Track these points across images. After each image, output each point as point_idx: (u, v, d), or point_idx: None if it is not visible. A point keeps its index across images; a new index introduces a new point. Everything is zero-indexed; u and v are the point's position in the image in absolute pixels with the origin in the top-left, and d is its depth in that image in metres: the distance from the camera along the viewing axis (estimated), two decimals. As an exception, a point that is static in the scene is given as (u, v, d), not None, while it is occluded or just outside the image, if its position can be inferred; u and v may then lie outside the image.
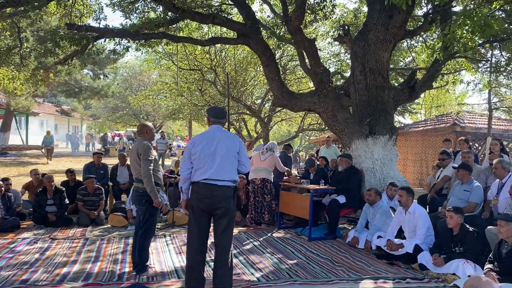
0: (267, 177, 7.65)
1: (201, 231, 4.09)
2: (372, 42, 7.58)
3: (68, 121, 38.62)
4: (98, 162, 9.16)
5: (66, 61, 7.84)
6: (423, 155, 14.62)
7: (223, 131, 4.20)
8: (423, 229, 5.40)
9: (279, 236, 6.93)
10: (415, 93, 8.07)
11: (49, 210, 7.52)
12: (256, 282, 4.58)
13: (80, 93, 24.50)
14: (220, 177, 3.99)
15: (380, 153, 7.43)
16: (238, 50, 15.47)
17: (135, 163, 4.84)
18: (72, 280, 4.57)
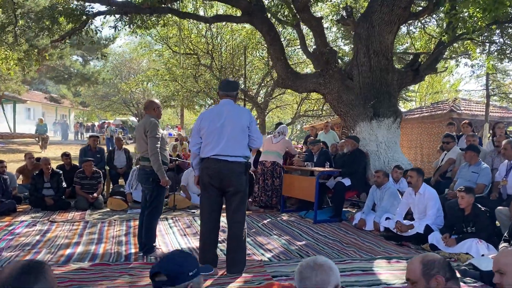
0: (277, 160, 7.55)
1: (213, 207, 4.00)
2: (376, 23, 7.46)
3: (56, 110, 37.94)
4: (95, 145, 8.94)
5: (64, 39, 7.56)
6: (418, 142, 14.62)
7: (232, 105, 4.04)
8: (434, 209, 5.34)
9: (284, 219, 6.83)
10: (419, 76, 7.98)
11: (46, 194, 7.32)
12: (268, 262, 4.47)
13: (70, 80, 24.00)
14: (230, 153, 3.87)
15: (384, 136, 7.35)
16: (234, 35, 15.25)
17: (141, 141, 4.66)
18: (78, 261, 4.42)
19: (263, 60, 16.12)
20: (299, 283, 1.87)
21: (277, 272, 4.03)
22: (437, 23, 11.40)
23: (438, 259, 2.00)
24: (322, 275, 1.83)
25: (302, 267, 1.90)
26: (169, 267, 1.70)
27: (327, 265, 1.88)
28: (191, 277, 1.70)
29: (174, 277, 1.67)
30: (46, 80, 30.31)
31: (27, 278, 1.55)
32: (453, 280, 1.94)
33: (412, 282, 2.00)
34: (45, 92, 34.25)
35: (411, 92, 20.64)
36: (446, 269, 1.95)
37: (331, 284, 1.84)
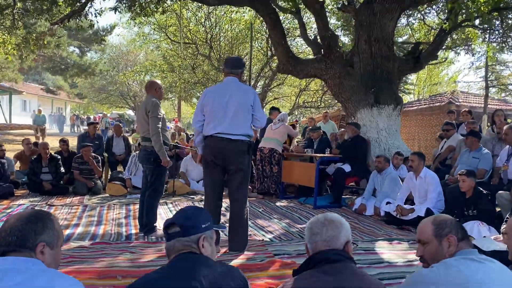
0: (276, 147, 7.46)
1: (215, 185, 3.97)
2: (377, 10, 7.43)
3: (52, 102, 37.72)
4: (93, 132, 8.87)
5: (63, 22, 7.47)
6: (416, 134, 14.65)
7: (237, 83, 3.97)
8: (435, 193, 5.33)
9: (283, 205, 6.81)
10: (420, 64, 7.96)
11: (44, 179, 7.27)
12: (269, 242, 4.46)
13: (67, 70, 23.80)
14: (233, 131, 3.83)
15: (385, 123, 7.34)
16: (233, 25, 15.17)
17: (142, 121, 4.61)
18: (78, 240, 4.38)
19: (261, 51, 16.06)
20: (309, 239, 1.84)
21: (279, 251, 4.02)
22: (436, 14, 11.38)
23: (449, 219, 1.98)
24: (333, 230, 1.81)
25: (313, 224, 1.87)
26: (183, 219, 1.69)
27: (337, 221, 1.86)
28: (204, 229, 1.69)
29: (187, 228, 1.66)
30: (43, 71, 30.08)
31: (34, 226, 1.53)
32: (466, 240, 1.92)
33: (423, 243, 1.97)
34: (42, 83, 34.01)
35: (410, 85, 20.65)
36: (458, 229, 1.93)
37: (341, 240, 1.82)
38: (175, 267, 1.58)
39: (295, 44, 16.69)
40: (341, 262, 1.74)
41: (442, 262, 1.82)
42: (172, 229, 1.68)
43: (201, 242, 1.66)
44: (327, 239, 1.81)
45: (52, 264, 1.55)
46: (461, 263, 1.77)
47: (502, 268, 1.81)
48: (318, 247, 1.82)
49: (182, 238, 1.65)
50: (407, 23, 12.79)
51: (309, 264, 1.80)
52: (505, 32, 8.41)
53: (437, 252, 1.90)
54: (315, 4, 7.40)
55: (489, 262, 1.79)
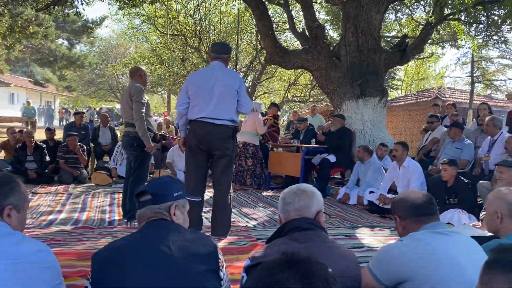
0: (248, 140, 7.30)
1: (199, 169, 3.96)
2: (365, 2, 7.47)
3: (41, 95, 37.29)
4: (80, 121, 8.81)
5: (48, 8, 7.40)
6: (403, 129, 14.79)
7: (223, 68, 3.96)
8: (417, 182, 5.39)
9: (269, 195, 6.84)
10: (406, 57, 8.03)
11: (29, 167, 7.22)
12: (253, 227, 4.49)
13: (55, 63, 23.49)
14: (218, 116, 3.81)
15: (370, 115, 7.40)
16: (223, 17, 15.14)
17: (126, 105, 4.58)
18: (60, 225, 4.37)
19: (251, 44, 16.05)
20: (282, 208, 1.87)
21: (262, 236, 4.04)
22: (423, 8, 11.47)
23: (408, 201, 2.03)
24: (305, 200, 1.84)
25: (285, 194, 1.90)
26: (155, 187, 1.70)
27: (310, 190, 1.88)
28: (175, 198, 1.70)
29: (159, 196, 1.66)
30: (31, 63, 29.70)
31: (1, 189, 1.53)
32: (425, 218, 1.96)
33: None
34: (30, 75, 33.60)
35: (397, 80, 20.80)
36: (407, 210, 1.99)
37: (313, 209, 1.84)
38: (144, 233, 1.59)
39: (285, 38, 16.73)
40: (312, 230, 1.77)
41: (409, 236, 1.86)
42: (143, 197, 1.68)
43: (173, 210, 1.67)
44: (299, 208, 1.83)
45: (18, 227, 1.56)
46: (428, 236, 1.81)
47: (467, 239, 1.85)
48: (290, 216, 1.85)
49: (153, 206, 1.66)
50: (395, 18, 12.86)
51: (282, 232, 1.83)
52: (489, 26, 8.51)
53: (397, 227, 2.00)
54: (302, -7, 7.43)
55: (456, 234, 1.84)
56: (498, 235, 2.25)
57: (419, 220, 1.95)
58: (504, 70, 17.00)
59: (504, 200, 2.20)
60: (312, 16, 7.57)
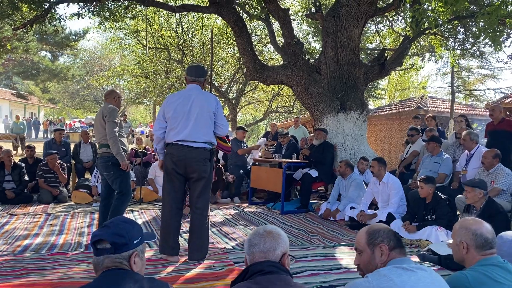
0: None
1: (175, 194, 3.93)
2: (343, 18, 7.55)
3: (25, 107, 36.87)
4: (60, 139, 8.71)
5: (25, 27, 7.32)
6: (386, 138, 14.91)
7: (200, 91, 3.97)
8: (397, 197, 5.44)
9: (251, 211, 6.82)
10: (385, 70, 8.12)
11: (7, 187, 7.09)
12: (231, 249, 4.46)
13: (38, 75, 23.28)
14: (195, 139, 3.81)
15: (351, 129, 7.45)
16: (206, 31, 15.16)
17: (100, 127, 4.54)
18: (35, 251, 4.28)
19: (235, 56, 16.09)
20: (248, 250, 1.85)
21: (239, 259, 4.02)
22: (404, 21, 11.64)
23: (383, 229, 2.02)
24: (271, 241, 1.83)
25: (251, 235, 1.89)
26: (114, 236, 1.62)
27: (275, 232, 1.88)
28: (135, 245, 1.65)
29: (119, 246, 1.60)
30: (13, 76, 29.37)
31: None
32: (398, 249, 1.96)
33: (359, 251, 2.03)
34: (13, 88, 33.20)
35: (381, 90, 21.01)
36: (391, 238, 1.97)
37: (278, 251, 1.83)
38: (100, 285, 1.55)
39: (268, 51, 16.81)
40: (275, 274, 1.76)
41: (375, 272, 1.86)
42: (101, 244, 1.62)
43: (133, 259, 1.63)
44: (265, 250, 1.82)
45: None
46: (393, 272, 1.81)
47: (433, 276, 1.86)
48: (255, 258, 1.83)
49: (112, 255, 1.60)
50: (376, 30, 13.01)
51: (245, 275, 1.81)
52: (465, 39, 8.67)
53: (370, 261, 1.95)
54: (279, 11, 7.47)
55: (421, 270, 1.84)
56: (464, 264, 2.26)
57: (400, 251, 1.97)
58: (483, 80, 17.34)
59: (469, 230, 2.22)
60: (290, 33, 7.63)
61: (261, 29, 15.51)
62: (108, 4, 8.62)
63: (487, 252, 2.17)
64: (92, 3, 7.52)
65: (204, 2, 9.68)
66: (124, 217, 1.76)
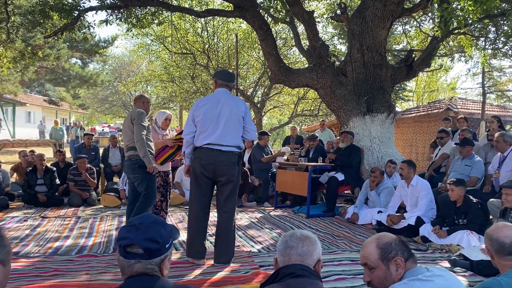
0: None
1: (203, 197, 3.96)
2: (369, 19, 7.45)
3: (56, 113, 37.94)
4: (89, 143, 8.93)
5: (56, 34, 7.55)
6: (414, 141, 14.60)
7: (229, 95, 4.01)
8: (425, 200, 5.31)
9: (276, 214, 6.80)
10: (413, 71, 7.96)
11: (39, 190, 7.31)
12: (257, 253, 4.45)
13: (69, 82, 24.00)
14: (224, 142, 3.84)
15: (378, 131, 7.33)
16: (231, 35, 15.26)
17: (128, 130, 4.62)
18: (65, 253, 4.39)
19: (259, 60, 16.13)
20: (283, 251, 1.83)
21: (265, 262, 4.01)
22: (432, 21, 11.41)
23: (393, 240, 1.93)
24: (308, 246, 1.82)
25: (288, 237, 1.87)
26: (147, 241, 1.52)
27: (313, 238, 1.87)
28: (167, 249, 1.59)
29: (152, 252, 1.52)
30: (46, 83, 30.32)
31: None
32: (412, 259, 1.89)
33: (370, 268, 1.90)
34: (45, 94, 34.28)
35: (408, 92, 20.61)
36: (403, 249, 1.90)
37: (314, 256, 1.82)
38: None
39: (293, 54, 16.77)
40: (306, 278, 1.74)
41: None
42: (132, 248, 1.52)
43: (164, 264, 1.57)
44: (302, 254, 1.81)
45: (3, 282, 1.54)
46: (410, 286, 1.75)
47: (450, 281, 1.79)
48: (291, 260, 1.82)
49: (144, 261, 1.52)
50: (402, 31, 12.80)
51: (276, 277, 1.81)
52: (496, 39, 8.40)
53: (386, 277, 1.85)
54: (304, 14, 7.44)
55: (437, 277, 1.78)
56: (499, 270, 2.18)
57: (412, 260, 1.91)
58: (516, 80, 16.75)
59: (488, 235, 2.16)
60: (315, 35, 7.58)
61: (286, 32, 15.50)
62: (135, 11, 8.80)
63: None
64: (119, 10, 7.69)
65: (229, 6, 9.74)
66: (152, 216, 1.68)
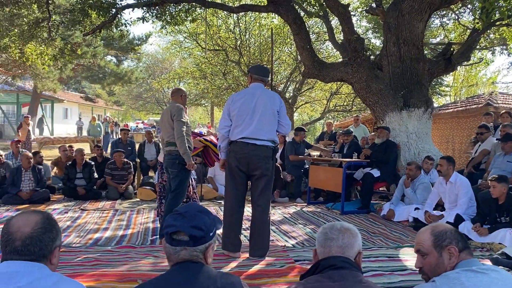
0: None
1: (238, 191, 3.99)
2: (406, 12, 7.26)
3: (92, 109, 39.02)
4: (125, 138, 9.14)
5: (94, 32, 7.76)
6: (450, 137, 14.16)
7: (264, 89, 4.03)
8: (465, 198, 5.16)
9: (309, 210, 6.76)
10: (452, 65, 7.72)
11: (79, 184, 7.54)
12: (291, 247, 4.44)
13: (104, 79, 24.63)
14: (259, 136, 3.86)
15: (415, 127, 7.16)
16: (262, 31, 15.26)
17: (167, 126, 4.66)
18: (105, 244, 4.52)
19: (291, 55, 16.05)
20: (323, 243, 1.82)
21: (300, 257, 4.00)
22: (472, 13, 11.03)
23: (449, 229, 1.90)
24: (349, 238, 1.81)
25: (327, 229, 1.86)
26: (192, 228, 1.57)
27: (354, 230, 1.86)
28: (211, 237, 1.63)
29: (197, 239, 1.57)
30: (82, 80, 31.24)
31: (51, 234, 1.53)
32: (467, 250, 1.85)
33: (422, 254, 1.90)
34: (81, 91, 35.34)
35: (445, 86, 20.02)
36: (459, 239, 1.86)
37: (355, 249, 1.81)
38: (173, 280, 1.53)
39: (326, 48, 16.61)
40: (347, 270, 1.73)
41: (443, 276, 1.76)
42: (179, 236, 1.58)
43: (208, 252, 1.62)
44: (343, 246, 1.80)
45: (56, 264, 1.60)
46: (463, 275, 1.71)
47: (505, 277, 1.73)
48: (331, 252, 1.80)
49: (190, 248, 1.57)
50: (440, 24, 12.43)
51: (316, 269, 1.80)
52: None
53: (438, 264, 1.83)
54: (339, 7, 7.33)
55: (492, 271, 1.73)
56: None
57: (467, 252, 1.86)
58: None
59: None
60: (350, 28, 7.46)
61: (318, 26, 15.35)
62: (170, 8, 8.92)
63: None
64: (155, 8, 7.82)
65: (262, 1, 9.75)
66: (198, 206, 1.72)
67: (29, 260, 1.47)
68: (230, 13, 11.55)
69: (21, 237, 1.49)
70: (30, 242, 1.49)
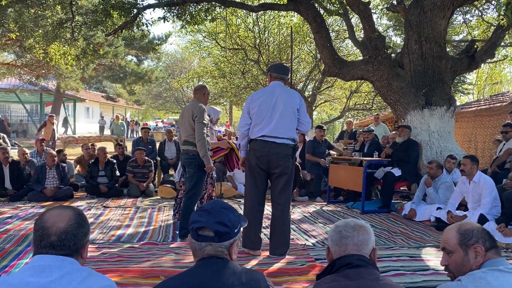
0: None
1: (258, 189, 4.00)
2: (428, 9, 7.16)
3: (113, 109, 39.60)
4: (146, 136, 9.26)
5: (116, 32, 7.89)
6: (473, 136, 13.88)
7: (283, 87, 4.02)
8: (489, 198, 5.05)
9: (329, 209, 6.74)
10: (475, 63, 7.58)
11: (101, 181, 7.68)
12: (311, 246, 4.43)
13: (125, 78, 25.02)
14: (278, 134, 3.86)
15: (437, 125, 7.05)
16: (281, 29, 15.24)
17: (187, 125, 4.66)
18: (127, 241, 4.59)
19: (311, 54, 15.98)
20: (338, 241, 1.81)
21: (320, 255, 3.99)
22: (496, 9, 10.78)
23: (476, 228, 1.87)
24: (364, 235, 1.79)
25: (342, 227, 1.85)
26: (217, 224, 1.60)
27: (367, 227, 1.85)
28: (236, 234, 1.65)
29: (222, 234, 1.60)
30: (103, 80, 31.75)
31: (83, 229, 1.55)
32: (494, 250, 1.82)
33: (448, 252, 1.88)
34: (103, 91, 35.92)
35: (468, 84, 19.62)
36: (486, 238, 1.83)
37: (370, 245, 1.79)
38: (199, 274, 1.55)
39: (346, 46, 16.49)
40: (364, 268, 1.72)
41: (469, 275, 1.74)
42: (204, 231, 1.61)
43: (233, 248, 1.64)
44: (358, 243, 1.79)
45: (85, 258, 1.63)
46: (489, 274, 1.69)
47: None
48: (347, 250, 1.80)
49: (215, 244, 1.60)
50: (463, 21, 12.20)
51: (332, 268, 1.79)
52: None
53: (463, 262, 1.81)
54: (360, 5, 7.26)
55: None
56: None
57: (495, 251, 1.83)
58: None
59: None
60: (371, 26, 7.39)
61: (338, 24, 15.25)
62: (190, 7, 8.99)
63: None
64: (175, 8, 7.89)
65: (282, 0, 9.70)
66: (223, 203, 1.75)
67: (64, 255, 1.51)
68: (250, 12, 11.55)
69: (56, 232, 1.52)
70: (65, 237, 1.52)
